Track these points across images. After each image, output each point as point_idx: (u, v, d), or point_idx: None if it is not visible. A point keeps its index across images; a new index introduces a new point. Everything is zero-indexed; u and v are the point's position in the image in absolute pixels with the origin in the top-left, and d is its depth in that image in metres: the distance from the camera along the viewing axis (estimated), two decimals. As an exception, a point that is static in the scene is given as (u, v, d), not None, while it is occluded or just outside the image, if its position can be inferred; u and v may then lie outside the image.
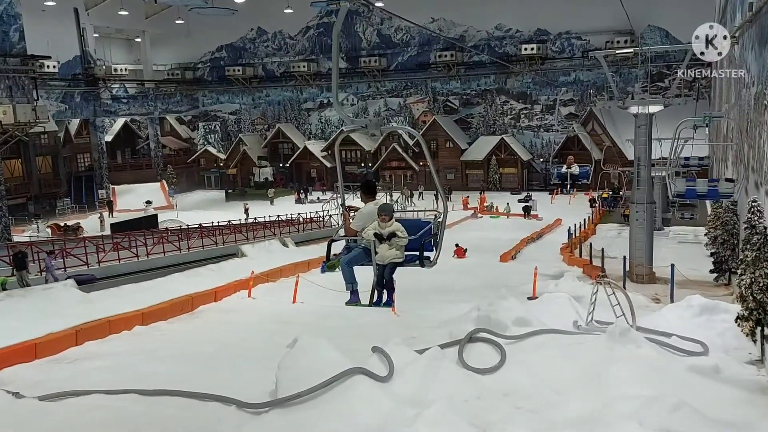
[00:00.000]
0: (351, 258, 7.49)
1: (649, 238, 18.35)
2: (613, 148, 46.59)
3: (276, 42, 58.72)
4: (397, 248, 7.27)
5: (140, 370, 10.21)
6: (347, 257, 7.50)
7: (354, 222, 7.47)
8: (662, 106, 18.12)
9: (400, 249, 7.31)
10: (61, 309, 13.90)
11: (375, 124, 6.58)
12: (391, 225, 7.17)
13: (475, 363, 9.54)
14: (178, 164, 59.60)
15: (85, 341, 11.80)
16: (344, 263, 7.48)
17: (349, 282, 7.54)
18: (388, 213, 7.19)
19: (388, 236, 7.17)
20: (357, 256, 7.49)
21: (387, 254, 7.26)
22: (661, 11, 44.60)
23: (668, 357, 9.78)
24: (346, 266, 7.47)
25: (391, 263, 7.37)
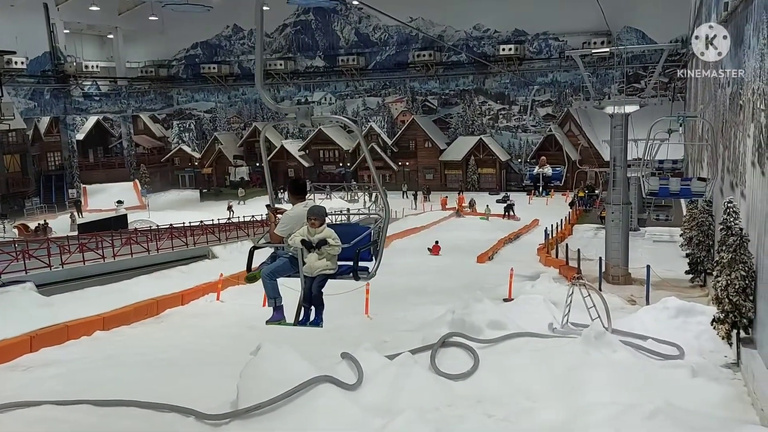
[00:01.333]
0: (275, 268, 6.56)
1: (625, 239, 18.24)
2: (590, 149, 46.84)
3: (252, 40, 57.93)
4: (328, 258, 6.36)
5: (97, 379, 9.75)
6: (270, 267, 6.57)
7: (279, 226, 6.48)
8: (638, 107, 18.02)
9: (331, 259, 6.39)
10: (17, 313, 13.31)
11: (304, 113, 5.71)
12: (322, 231, 6.26)
13: (448, 368, 9.27)
14: (152, 163, 58.58)
15: (40, 347, 11.29)
16: (266, 274, 6.55)
17: (272, 296, 6.64)
18: (318, 217, 6.27)
19: (317, 244, 6.23)
20: (281, 267, 6.58)
21: (316, 265, 6.36)
22: (638, 13, 44.89)
23: (644, 361, 9.61)
24: (268, 278, 6.55)
25: (320, 275, 6.44)
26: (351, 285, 16.46)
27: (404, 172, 51.58)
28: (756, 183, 9.88)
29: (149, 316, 13.97)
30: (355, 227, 6.98)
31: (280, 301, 6.69)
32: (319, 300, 6.70)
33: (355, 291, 14.61)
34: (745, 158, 11.33)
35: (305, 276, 6.46)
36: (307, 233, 6.27)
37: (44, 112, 50.73)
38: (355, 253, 6.23)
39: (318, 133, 53.59)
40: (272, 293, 6.65)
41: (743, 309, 9.47)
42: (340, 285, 11.36)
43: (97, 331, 12.50)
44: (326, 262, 6.37)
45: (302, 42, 56.21)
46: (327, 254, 6.32)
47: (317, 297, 6.65)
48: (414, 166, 51.75)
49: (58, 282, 17.55)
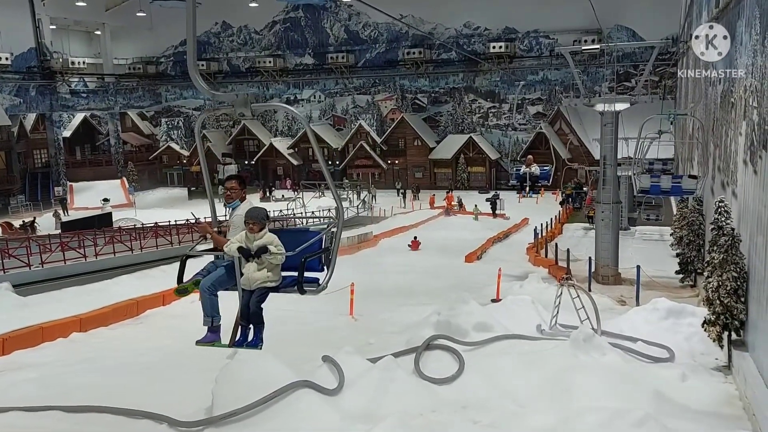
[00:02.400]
0: (216, 280, 5.79)
1: (615, 239, 18.07)
2: (580, 148, 46.76)
3: (241, 37, 57.56)
4: (270, 268, 5.61)
5: (71, 383, 9.40)
6: (211, 279, 5.81)
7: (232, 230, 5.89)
8: (628, 104, 17.82)
9: (273, 269, 5.65)
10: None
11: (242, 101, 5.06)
12: (263, 237, 5.56)
13: (433, 372, 9.01)
14: (140, 161, 58.02)
15: (13, 350, 10.92)
16: (206, 287, 5.77)
17: (209, 314, 5.90)
18: (257, 220, 5.58)
19: (256, 252, 5.52)
20: (222, 278, 5.81)
21: (254, 276, 5.62)
22: (628, 11, 44.83)
23: (634, 364, 9.39)
24: (207, 292, 5.78)
25: (259, 288, 5.69)
26: (335, 284, 16.18)
27: (394, 170, 51.31)
28: (748, 182, 9.68)
29: (128, 317, 13.61)
30: (303, 233, 6.24)
31: (219, 321, 5.97)
32: (258, 317, 5.94)
33: (340, 291, 14.39)
34: (736, 157, 11.15)
35: (243, 289, 5.74)
36: (246, 239, 5.60)
37: (30, 108, 50.09)
38: (301, 262, 5.46)
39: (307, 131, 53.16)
40: (210, 311, 5.89)
41: (735, 311, 9.29)
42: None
43: (74, 333, 12.13)
44: (267, 273, 5.63)
45: (291, 39, 55.81)
46: (268, 264, 5.59)
47: (255, 314, 5.86)
48: (403, 164, 51.51)
49: (37, 282, 17.16)
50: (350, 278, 16.60)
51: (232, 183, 6.11)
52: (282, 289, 5.88)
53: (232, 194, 6.08)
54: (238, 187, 6.09)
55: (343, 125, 54.78)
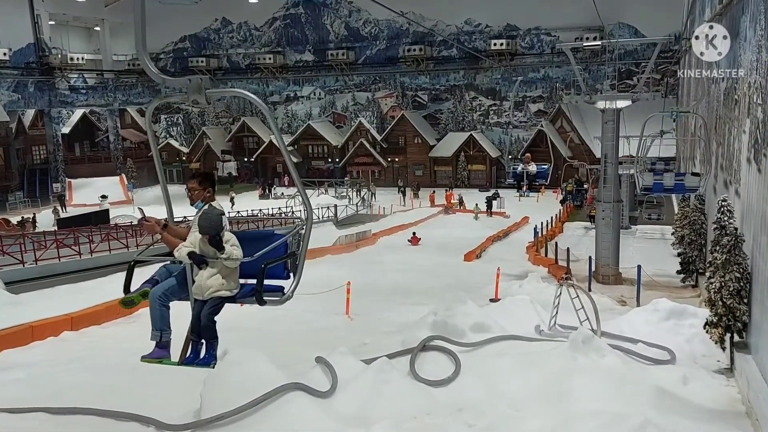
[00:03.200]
0: (169, 289, 5.15)
1: (616, 238, 17.87)
2: (581, 146, 46.51)
3: (241, 33, 57.30)
4: (225, 274, 4.96)
5: (59, 383, 9.22)
6: (162, 287, 5.15)
7: (192, 235, 5.13)
8: (630, 101, 17.62)
9: (228, 275, 5.00)
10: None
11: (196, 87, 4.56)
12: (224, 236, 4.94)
13: (428, 374, 8.81)
14: (139, 158, 57.72)
15: (2, 350, 10.71)
16: (157, 297, 5.11)
17: (159, 328, 5.20)
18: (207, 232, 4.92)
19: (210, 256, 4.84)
20: (174, 287, 5.18)
21: (207, 284, 4.98)
22: (630, 8, 44.57)
23: (634, 367, 9.18)
24: (158, 302, 5.12)
25: (213, 298, 5.06)
26: (332, 283, 15.94)
27: (394, 168, 51.09)
28: (752, 180, 9.47)
29: (122, 315, 13.37)
30: (266, 235, 5.49)
31: (169, 335, 5.29)
32: (211, 331, 5.26)
33: (336, 290, 14.20)
34: (740, 155, 10.94)
35: (195, 299, 5.14)
36: (201, 243, 4.97)
37: (28, 104, 49.89)
38: (260, 268, 4.75)
39: (307, 129, 53.07)
40: (160, 323, 5.19)
41: (737, 312, 9.11)
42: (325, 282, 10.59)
43: (65, 332, 11.92)
44: (221, 281, 4.96)
45: (291, 36, 55.57)
46: (223, 270, 4.92)
47: (207, 328, 5.19)
48: (403, 162, 51.29)
49: (30, 279, 16.96)
50: (348, 277, 16.42)
51: (193, 182, 5.39)
52: (239, 299, 5.25)
53: (193, 195, 5.34)
54: (198, 186, 5.31)
55: (343, 122, 54.55)
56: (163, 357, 5.33)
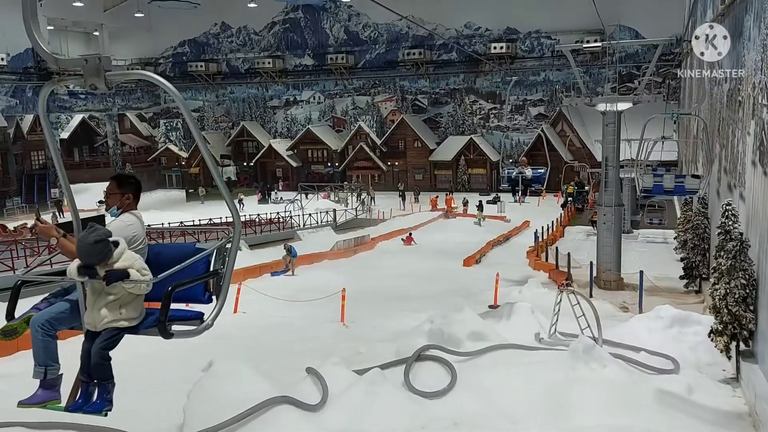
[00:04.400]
0: (54, 315, 4.08)
1: (618, 243, 17.56)
2: (582, 149, 46.21)
3: (240, 37, 57.14)
4: (125, 302, 3.90)
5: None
6: (46, 313, 4.09)
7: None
8: (631, 104, 17.33)
9: (130, 303, 3.93)
10: (-31, 321, 12.43)
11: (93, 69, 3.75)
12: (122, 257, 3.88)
13: (423, 385, 8.52)
14: (138, 163, 57.57)
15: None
16: (37, 325, 4.01)
17: (42, 363, 4.06)
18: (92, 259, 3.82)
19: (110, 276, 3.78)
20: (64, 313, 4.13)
21: (101, 313, 3.91)
22: (632, 11, 44.30)
23: (636, 377, 8.88)
24: (41, 331, 4.01)
25: (108, 329, 3.95)
26: (329, 289, 15.54)
27: (394, 172, 50.82)
28: (757, 184, 9.18)
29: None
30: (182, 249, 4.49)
31: (56, 372, 4.14)
32: (104, 371, 4.10)
33: (332, 296, 13.91)
34: (744, 157, 10.64)
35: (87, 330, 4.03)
36: None
37: (26, 110, 49.71)
38: (166, 292, 3.73)
39: (306, 133, 52.85)
40: (44, 357, 4.04)
41: (743, 320, 8.82)
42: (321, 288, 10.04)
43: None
44: (119, 310, 3.90)
45: (291, 40, 55.41)
46: (125, 296, 3.89)
47: (100, 366, 4.04)
48: (403, 166, 51.01)
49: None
50: (344, 282, 16.15)
51: (111, 185, 4.40)
52: (143, 331, 4.11)
53: (108, 200, 4.41)
54: (115, 190, 4.35)
55: (343, 127, 54.33)
56: (48, 400, 4.11)
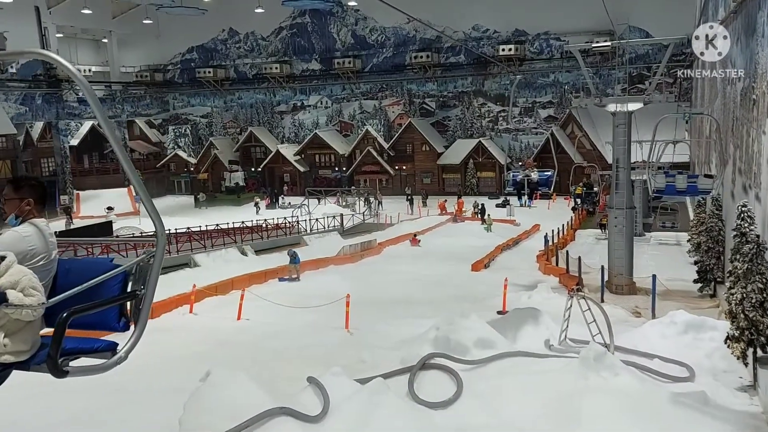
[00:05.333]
0: None
1: (629, 246, 17.17)
2: (593, 152, 45.73)
3: (248, 43, 57.13)
4: (9, 330, 3.17)
5: (38, 406, 8.73)
6: None
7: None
8: (641, 104, 16.97)
9: (16, 334, 3.19)
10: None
11: None
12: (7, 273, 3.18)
13: (428, 395, 8.26)
14: (148, 169, 57.61)
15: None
16: None
17: None
18: None
19: None
20: None
21: None
22: (642, 12, 43.83)
23: (649, 385, 8.56)
24: None
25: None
26: (334, 294, 15.28)
27: (401, 176, 50.54)
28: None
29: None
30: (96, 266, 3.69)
31: None
32: None
33: (337, 302, 13.65)
34: (760, 158, 10.30)
35: None
36: None
37: (36, 117, 49.96)
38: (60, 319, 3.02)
39: (313, 138, 52.70)
40: None
41: (761, 325, 8.50)
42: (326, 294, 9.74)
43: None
44: (2, 341, 3.16)
45: (298, 45, 55.32)
46: (8, 324, 3.16)
47: None
48: (411, 169, 50.71)
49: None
50: (350, 288, 15.89)
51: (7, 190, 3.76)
52: (33, 367, 3.33)
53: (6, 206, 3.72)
54: (12, 195, 3.69)
55: (350, 131, 54.13)
56: None
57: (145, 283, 3.42)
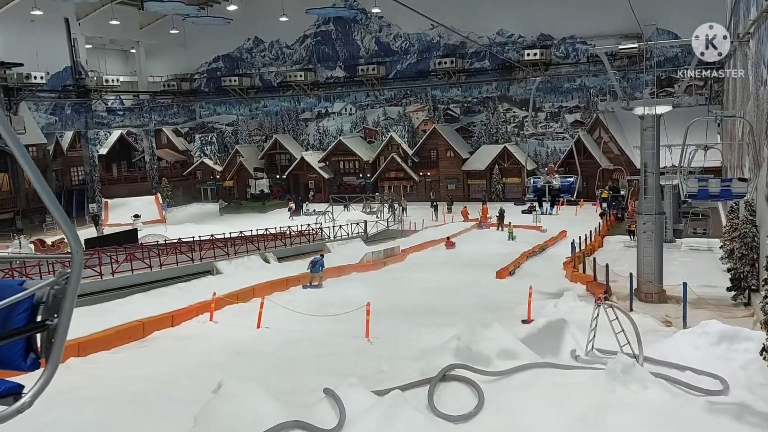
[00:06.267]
0: None
1: (659, 253, 16.64)
2: (621, 156, 44.91)
3: (273, 51, 57.53)
4: None
5: (50, 417, 8.61)
6: None
7: None
8: (670, 107, 16.47)
9: None
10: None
11: None
12: None
13: (448, 408, 7.96)
14: (175, 177, 58.39)
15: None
16: None
17: None
18: None
19: None
20: None
21: None
22: (670, 14, 43.01)
23: (681, 399, 8.16)
24: None
25: None
26: (356, 302, 15.00)
27: (426, 182, 50.24)
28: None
29: (133, 339, 12.86)
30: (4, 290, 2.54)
31: None
32: None
33: (357, 310, 13.43)
34: (797, 160, 9.82)
35: None
36: None
37: (65, 126, 50.89)
38: None
39: (338, 144, 52.75)
40: None
41: (800, 337, 8.02)
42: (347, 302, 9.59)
43: (71, 358, 11.38)
44: None
45: (322, 52, 55.54)
46: None
47: None
48: (436, 175, 50.40)
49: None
50: (372, 295, 15.68)
51: None
52: None
53: None
54: None
55: (375, 137, 54.08)
56: None
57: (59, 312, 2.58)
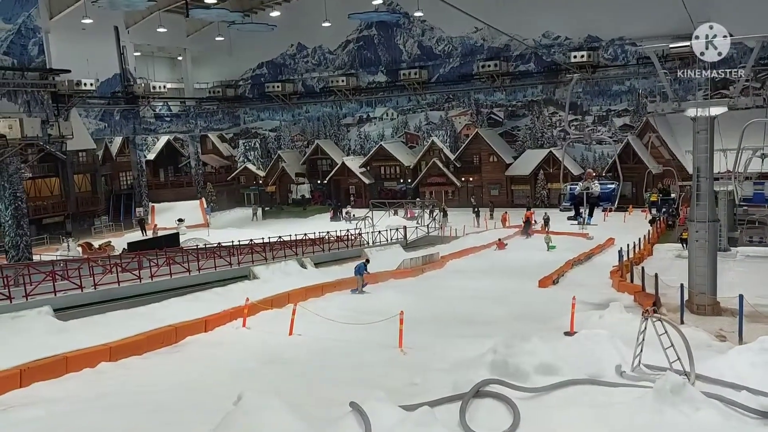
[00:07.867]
0: None
1: (713, 262, 15.68)
2: (672, 161, 43.30)
3: (316, 57, 57.86)
4: None
5: (78, 423, 8.53)
6: None
7: None
8: (725, 108, 15.54)
9: None
10: (27, 341, 12.43)
11: None
12: None
13: (480, 426, 7.49)
14: (219, 182, 59.32)
15: (32, 382, 10.16)
16: None
17: None
18: None
19: None
20: None
21: None
22: (724, 13, 41.20)
23: (735, 422, 7.52)
24: None
25: None
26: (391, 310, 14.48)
27: (468, 187, 49.51)
28: None
29: (165, 344, 12.75)
30: None
31: None
32: None
33: (391, 319, 13.00)
34: None
35: None
36: None
37: (114, 132, 52.26)
38: None
39: (379, 149, 52.57)
40: None
41: None
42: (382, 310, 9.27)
43: (102, 363, 11.33)
44: None
45: (364, 57, 55.54)
46: None
47: None
48: (478, 181, 49.63)
49: (88, 304, 16.77)
50: (408, 303, 15.24)
51: None
52: None
53: None
54: None
55: (416, 142, 53.69)
56: None
57: None
